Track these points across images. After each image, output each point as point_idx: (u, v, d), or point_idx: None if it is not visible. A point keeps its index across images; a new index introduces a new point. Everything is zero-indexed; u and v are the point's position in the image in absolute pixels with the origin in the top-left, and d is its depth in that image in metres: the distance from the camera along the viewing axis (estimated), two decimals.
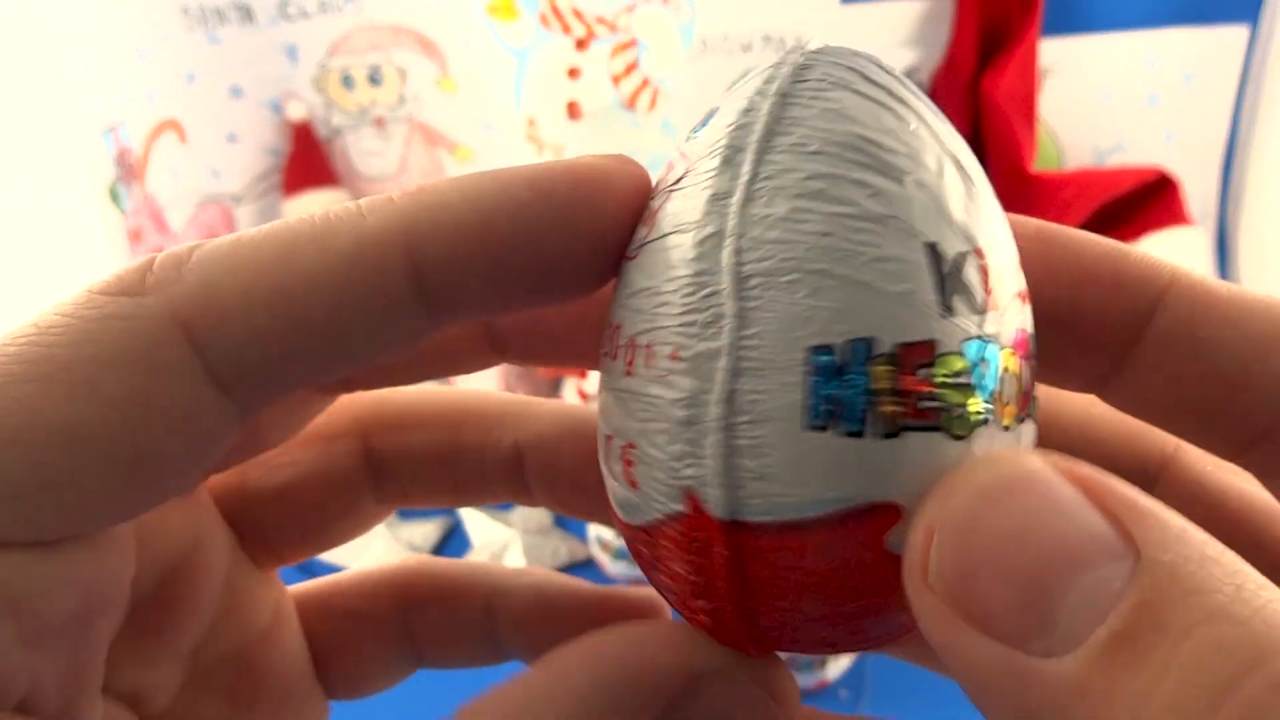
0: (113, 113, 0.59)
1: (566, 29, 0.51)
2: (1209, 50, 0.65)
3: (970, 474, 0.11)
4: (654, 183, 0.13)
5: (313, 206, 0.71)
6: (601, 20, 0.51)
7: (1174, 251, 0.61)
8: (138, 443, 0.11)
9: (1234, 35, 0.64)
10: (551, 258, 0.12)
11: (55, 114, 0.55)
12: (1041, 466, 0.10)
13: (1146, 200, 0.62)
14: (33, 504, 0.11)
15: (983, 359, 0.11)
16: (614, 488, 0.13)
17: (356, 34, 0.70)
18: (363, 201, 0.12)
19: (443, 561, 0.19)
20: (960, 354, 0.11)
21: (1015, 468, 0.10)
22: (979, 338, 0.11)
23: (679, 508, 0.12)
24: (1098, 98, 0.67)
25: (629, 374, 0.12)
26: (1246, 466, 0.14)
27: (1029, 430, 0.12)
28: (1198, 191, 0.68)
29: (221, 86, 0.69)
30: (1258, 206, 0.68)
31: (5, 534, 0.11)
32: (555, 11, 0.50)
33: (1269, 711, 0.08)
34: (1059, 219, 0.60)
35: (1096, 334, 0.14)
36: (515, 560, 0.56)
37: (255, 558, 0.17)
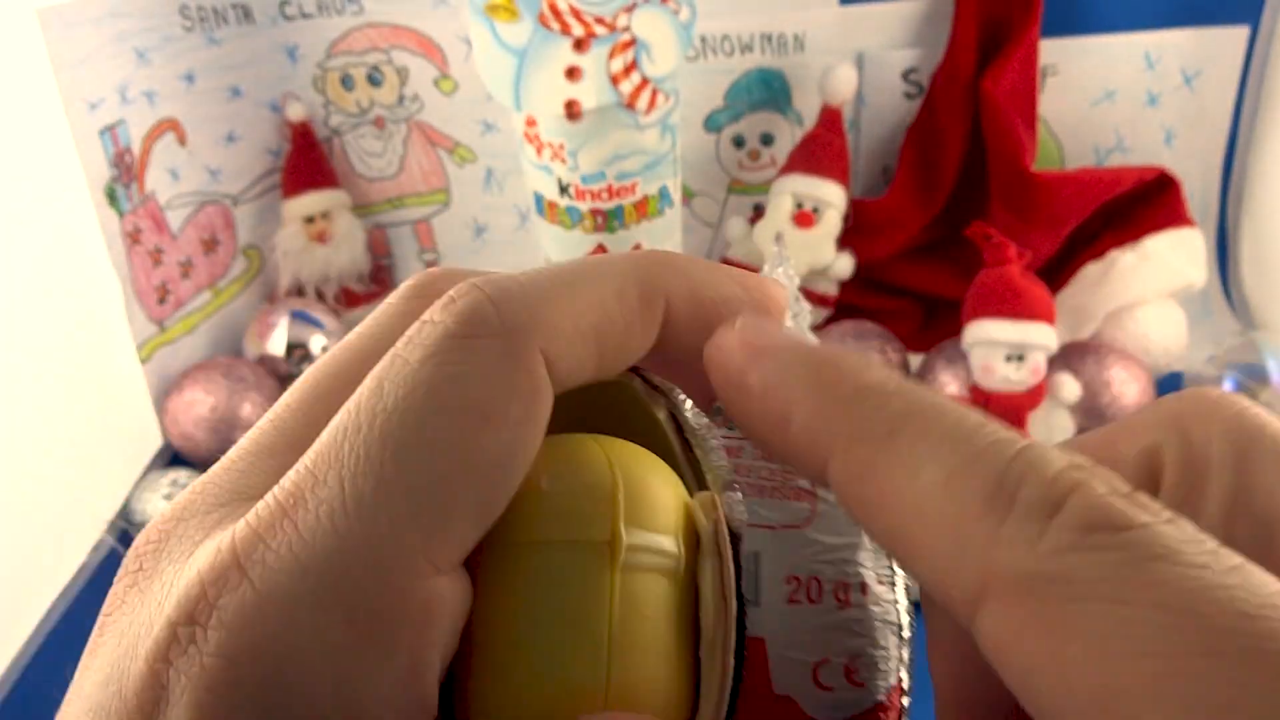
0: (111, 113, 0.59)
1: (566, 29, 0.50)
2: (1209, 50, 0.65)
3: None
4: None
5: (312, 206, 0.71)
6: (601, 20, 0.51)
7: (1174, 252, 0.61)
8: (525, 463, 0.14)
9: (1234, 36, 0.64)
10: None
11: (52, 114, 0.55)
12: None
13: (1147, 201, 0.62)
14: (472, 532, 0.13)
15: None
16: (825, 696, 0.16)
17: (356, 34, 0.70)
18: (637, 257, 0.16)
19: None
20: None
21: None
22: None
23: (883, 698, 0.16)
24: (1098, 98, 0.67)
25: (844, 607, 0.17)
26: None
27: None
28: (1198, 192, 0.68)
29: (221, 87, 0.69)
30: (1258, 207, 0.68)
31: (448, 560, 0.13)
32: (554, 11, 0.50)
33: None
34: (1059, 219, 0.60)
35: None
36: None
37: None
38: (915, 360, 0.61)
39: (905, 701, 0.17)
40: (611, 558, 0.14)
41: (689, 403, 0.17)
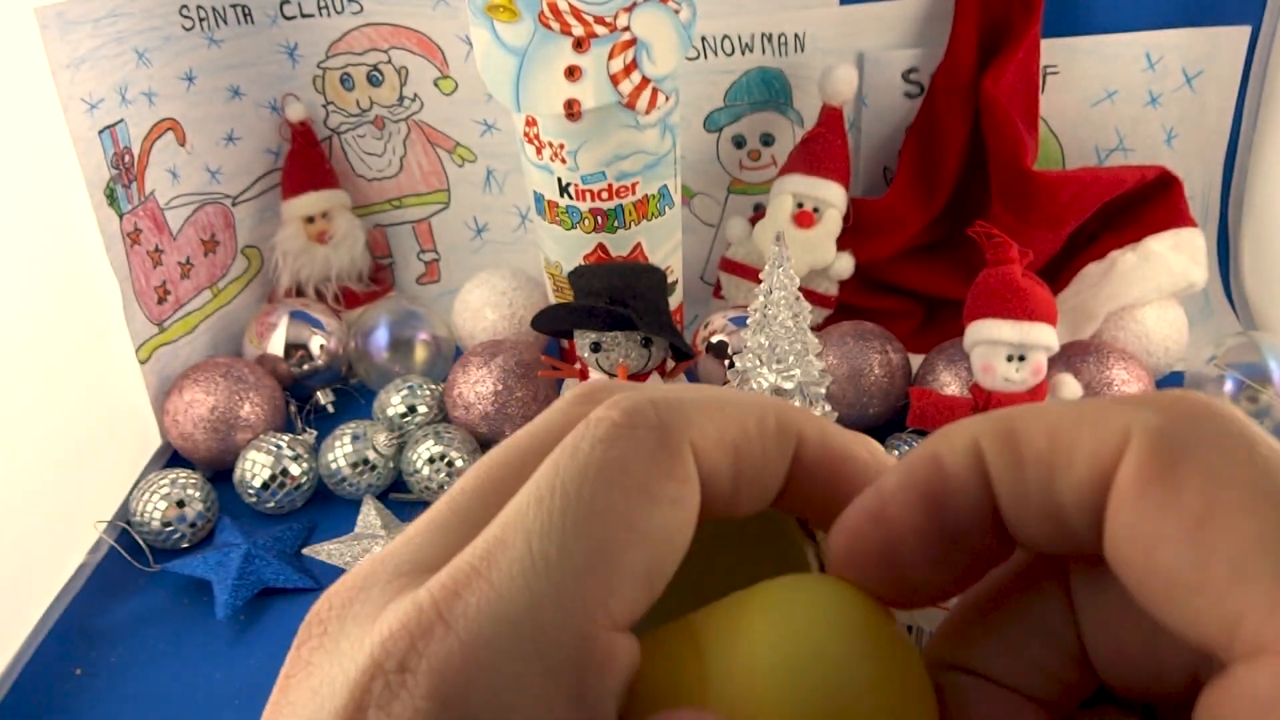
0: (110, 113, 0.59)
1: (566, 29, 0.50)
2: (1210, 50, 0.65)
3: None
4: None
5: (312, 206, 0.71)
6: (601, 20, 0.51)
7: (1175, 252, 0.60)
8: (683, 543, 0.15)
9: (1235, 35, 0.64)
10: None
11: (51, 114, 0.55)
12: None
13: (1148, 201, 0.62)
14: (641, 596, 0.15)
15: None
16: None
17: (356, 34, 0.70)
18: (778, 400, 0.17)
19: None
20: None
21: None
22: None
23: None
24: (1098, 98, 0.67)
25: None
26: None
27: None
28: (1199, 192, 0.68)
29: (221, 87, 0.69)
30: (1259, 207, 0.68)
31: (623, 618, 0.14)
32: (554, 11, 0.50)
33: None
34: (1060, 219, 0.60)
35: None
36: None
37: None
38: (915, 360, 0.61)
39: None
40: None
41: None
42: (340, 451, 0.57)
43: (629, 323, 0.52)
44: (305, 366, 0.66)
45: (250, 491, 0.57)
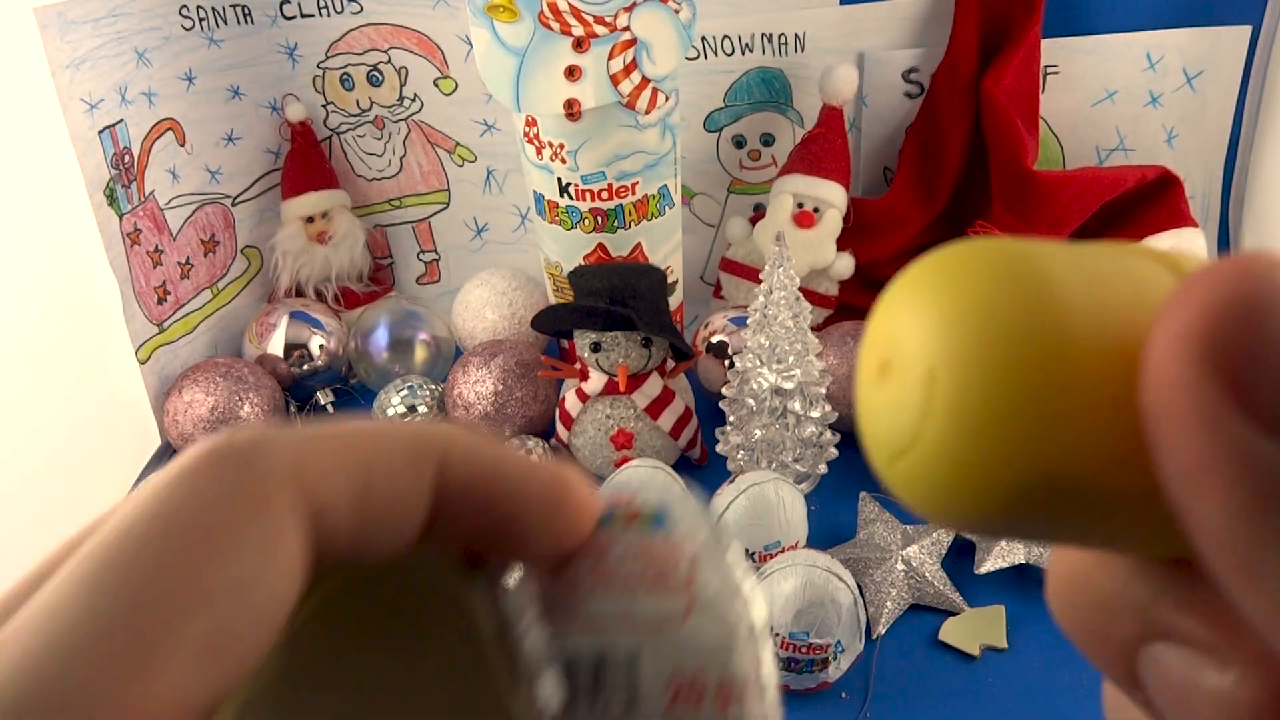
0: (110, 113, 0.59)
1: (566, 29, 0.50)
2: (1211, 50, 0.65)
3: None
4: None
5: (312, 206, 0.70)
6: (601, 20, 0.51)
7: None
8: (275, 594, 0.13)
9: (1236, 35, 0.64)
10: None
11: (52, 114, 0.55)
12: None
13: (1149, 201, 0.62)
14: (201, 670, 0.12)
15: None
16: None
17: (356, 34, 0.70)
18: (408, 425, 0.15)
19: None
20: None
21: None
22: None
23: None
24: (1098, 97, 0.67)
25: None
26: None
27: None
28: (1200, 192, 0.68)
29: (221, 87, 0.69)
30: (1260, 206, 0.68)
31: (172, 701, 0.12)
32: (554, 11, 0.50)
33: None
34: (1061, 219, 0.60)
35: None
36: None
37: None
38: None
39: None
40: None
41: (516, 573, 0.16)
42: None
43: (629, 323, 0.52)
44: (305, 366, 0.66)
45: None
